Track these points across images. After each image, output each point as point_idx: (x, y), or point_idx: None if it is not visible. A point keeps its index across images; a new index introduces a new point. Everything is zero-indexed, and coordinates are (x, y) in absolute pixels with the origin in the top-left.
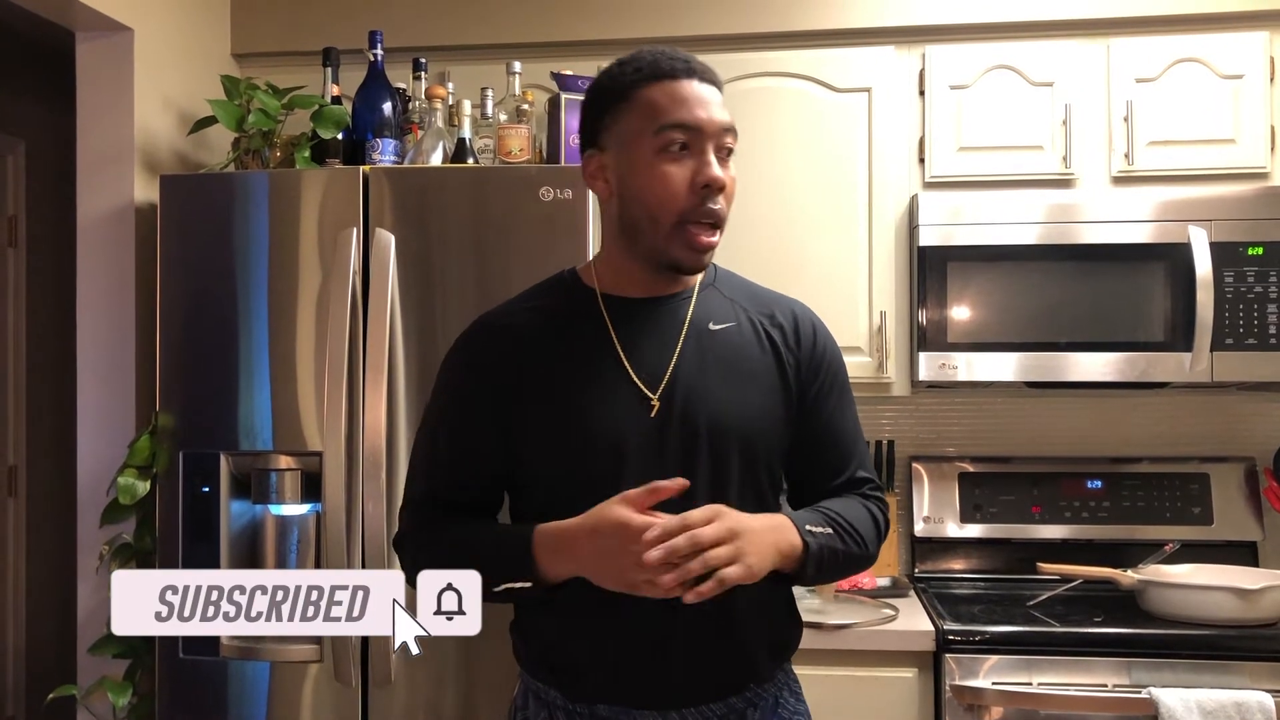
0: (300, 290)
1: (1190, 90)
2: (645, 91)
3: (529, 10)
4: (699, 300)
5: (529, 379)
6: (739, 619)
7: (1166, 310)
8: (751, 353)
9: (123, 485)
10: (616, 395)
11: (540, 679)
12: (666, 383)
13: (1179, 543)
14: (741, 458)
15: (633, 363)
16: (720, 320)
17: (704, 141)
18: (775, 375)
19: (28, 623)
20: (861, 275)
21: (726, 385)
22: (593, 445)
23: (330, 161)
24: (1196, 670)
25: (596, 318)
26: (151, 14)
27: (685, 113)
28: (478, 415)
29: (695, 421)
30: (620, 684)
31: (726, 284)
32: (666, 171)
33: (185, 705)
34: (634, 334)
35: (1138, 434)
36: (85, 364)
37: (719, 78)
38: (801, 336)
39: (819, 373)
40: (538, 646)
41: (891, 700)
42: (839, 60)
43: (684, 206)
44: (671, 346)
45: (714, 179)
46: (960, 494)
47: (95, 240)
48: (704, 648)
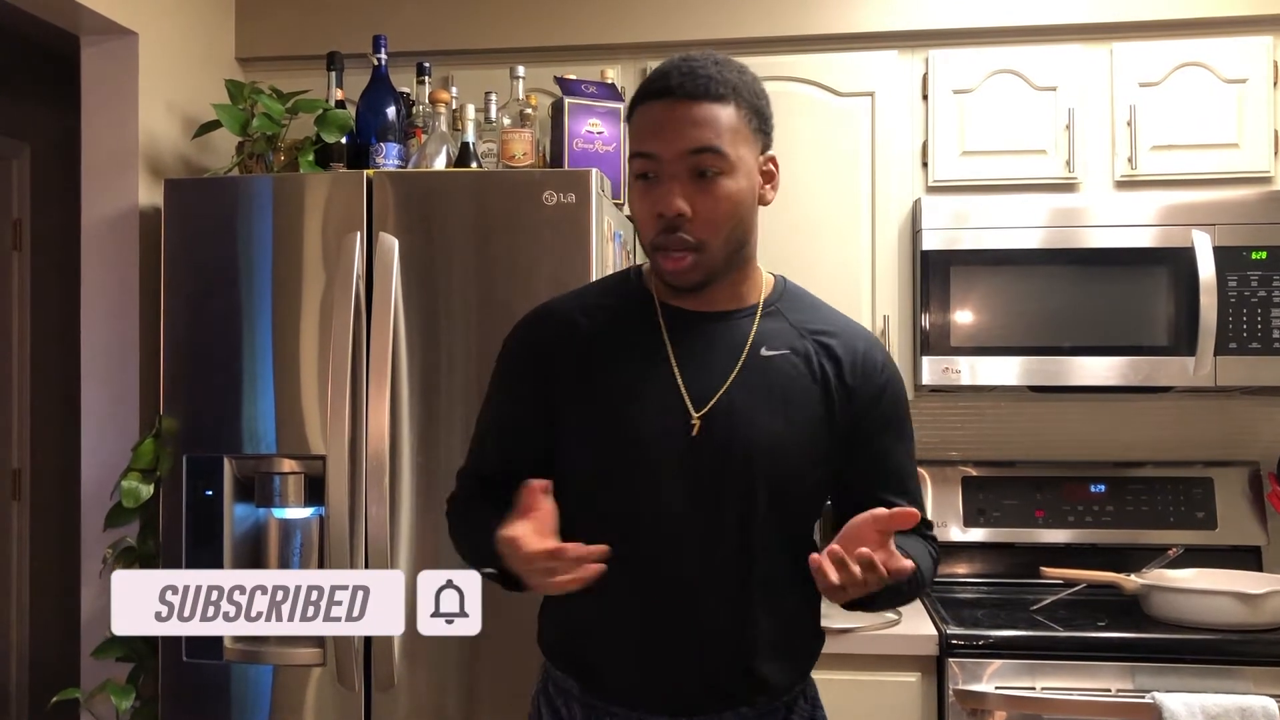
0: (304, 294)
1: (1194, 94)
2: (635, 113)
3: (533, 14)
4: (760, 322)
5: (581, 375)
6: (762, 635)
7: (1170, 314)
8: (801, 383)
9: (126, 489)
10: (663, 408)
11: (559, 668)
12: (713, 405)
13: (1183, 547)
14: (770, 492)
15: (685, 378)
16: (774, 346)
17: (668, 168)
18: (820, 408)
19: (31, 626)
20: (864, 279)
21: (770, 415)
22: (631, 454)
23: (334, 166)
24: (1201, 675)
25: (654, 326)
26: (156, 18)
27: (646, 142)
28: (524, 398)
29: (732, 448)
30: (635, 688)
31: (792, 306)
32: (638, 200)
33: (188, 709)
34: (690, 350)
35: (1141, 438)
36: (89, 367)
37: (713, 86)
38: (863, 371)
39: (873, 410)
40: (556, 636)
41: (894, 705)
42: (842, 64)
43: (651, 235)
44: (725, 368)
45: (666, 209)
46: (964, 498)
47: (100, 244)
48: (722, 660)
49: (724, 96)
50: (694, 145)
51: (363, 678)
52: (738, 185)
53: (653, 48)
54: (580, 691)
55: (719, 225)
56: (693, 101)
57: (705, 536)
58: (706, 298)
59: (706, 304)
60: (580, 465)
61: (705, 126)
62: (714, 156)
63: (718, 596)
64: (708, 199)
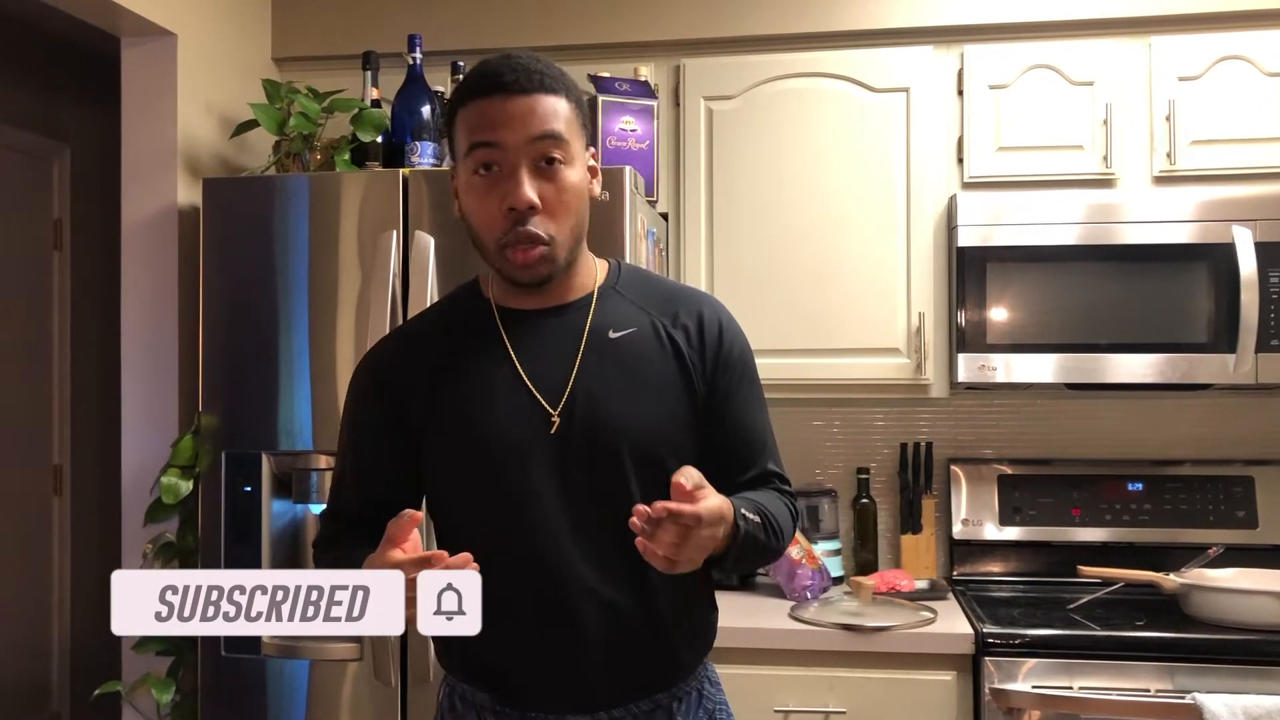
0: (340, 292)
1: (1234, 88)
2: (461, 112)
3: (566, 12)
4: (598, 307)
5: (431, 393)
6: (664, 616)
7: (1209, 311)
8: (653, 358)
9: (166, 485)
10: (518, 411)
11: (467, 682)
12: (567, 397)
13: (1223, 546)
14: (644, 469)
15: (532, 377)
16: (620, 327)
17: (512, 159)
18: (678, 379)
19: (73, 620)
20: (900, 276)
21: (628, 395)
22: (497, 462)
23: (370, 164)
24: (1242, 676)
25: (494, 332)
26: (194, 19)
27: (487, 132)
28: (379, 429)
29: (597, 435)
30: (547, 688)
31: (629, 285)
32: (480, 197)
33: (227, 703)
34: (532, 348)
35: (1180, 436)
36: (129, 365)
37: (546, 80)
38: (707, 335)
39: (726, 369)
40: (460, 651)
41: (930, 703)
42: (877, 60)
43: (499, 231)
44: (570, 359)
45: (517, 201)
46: (999, 496)
47: (139, 243)
48: (630, 648)
49: (557, 90)
50: (538, 132)
51: (399, 673)
52: (578, 175)
53: (686, 45)
54: (491, 701)
55: (566, 215)
56: (530, 94)
57: (587, 528)
58: (543, 294)
59: (543, 300)
60: (447, 482)
61: (546, 116)
62: (557, 143)
63: (613, 585)
64: (553, 188)
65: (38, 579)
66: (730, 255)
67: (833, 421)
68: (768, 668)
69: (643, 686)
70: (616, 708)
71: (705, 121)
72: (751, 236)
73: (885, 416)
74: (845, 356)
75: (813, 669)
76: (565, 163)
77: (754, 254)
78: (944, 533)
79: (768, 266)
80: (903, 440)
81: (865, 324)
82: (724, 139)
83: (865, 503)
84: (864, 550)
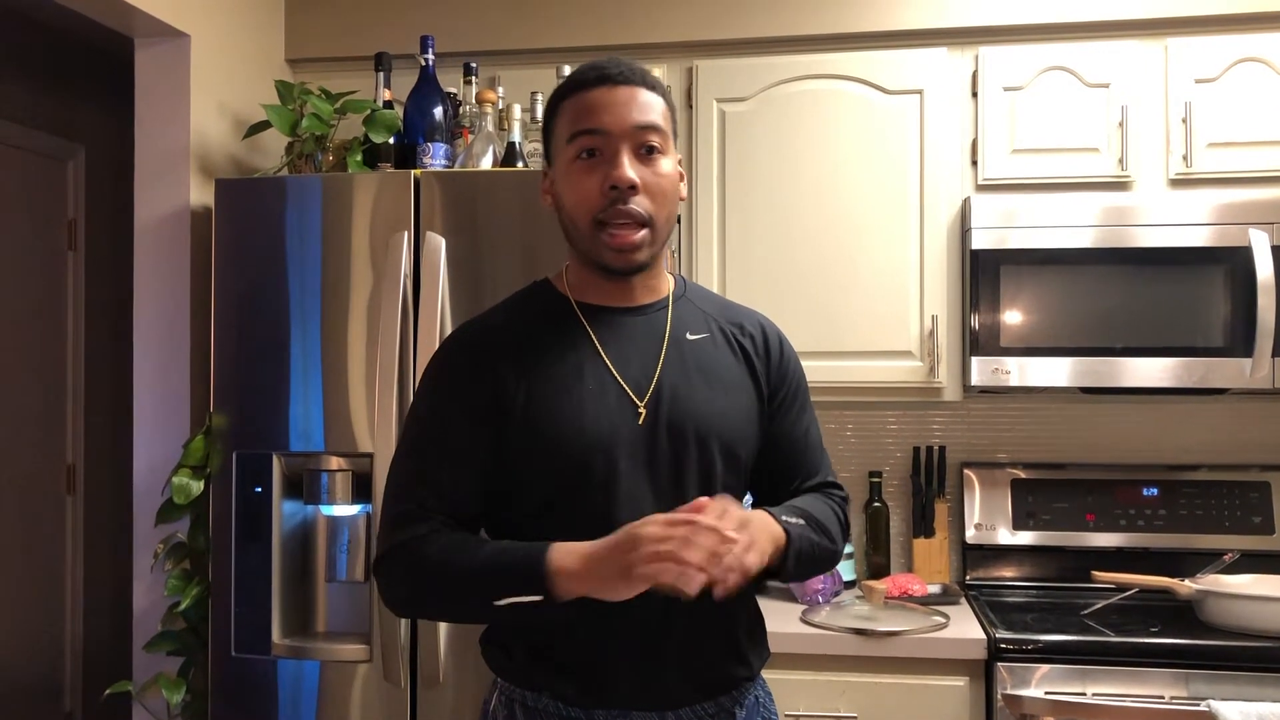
0: (352, 293)
1: (1252, 91)
2: (564, 104)
3: (578, 14)
4: (674, 311)
5: (514, 389)
6: (731, 616)
7: (1226, 315)
8: (727, 361)
9: (177, 485)
10: (606, 402)
11: (530, 688)
12: (653, 390)
13: (1238, 552)
14: (725, 461)
15: (620, 370)
16: (696, 330)
17: (615, 144)
18: (749, 382)
19: (85, 619)
20: (913, 279)
21: (709, 392)
22: (586, 451)
23: (382, 165)
24: (1258, 683)
25: (578, 326)
26: (208, 20)
27: (592, 119)
28: (462, 432)
29: (682, 427)
30: (618, 686)
31: (696, 296)
32: (580, 177)
33: (237, 703)
34: (616, 342)
35: (1196, 441)
36: (141, 365)
37: (647, 78)
38: (770, 346)
39: (785, 381)
40: (526, 655)
41: (942, 709)
42: (891, 62)
43: (596, 209)
44: (654, 355)
45: (619, 179)
46: (1012, 501)
47: (152, 243)
48: (699, 647)
49: (656, 88)
50: (641, 121)
51: (408, 674)
52: (673, 168)
53: (699, 47)
54: (556, 706)
55: (664, 200)
56: (634, 86)
57: None
58: (623, 292)
59: (624, 299)
60: (539, 475)
61: (648, 106)
62: (657, 133)
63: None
64: (651, 173)
65: (50, 578)
66: (742, 257)
67: (845, 425)
68: (779, 672)
69: (710, 686)
70: (684, 707)
71: (718, 123)
72: (764, 239)
73: (898, 420)
74: (858, 359)
75: (824, 673)
76: (664, 153)
77: (766, 256)
78: (957, 537)
79: (780, 269)
80: (916, 444)
81: (878, 327)
82: (737, 141)
83: (878, 506)
84: (876, 554)
